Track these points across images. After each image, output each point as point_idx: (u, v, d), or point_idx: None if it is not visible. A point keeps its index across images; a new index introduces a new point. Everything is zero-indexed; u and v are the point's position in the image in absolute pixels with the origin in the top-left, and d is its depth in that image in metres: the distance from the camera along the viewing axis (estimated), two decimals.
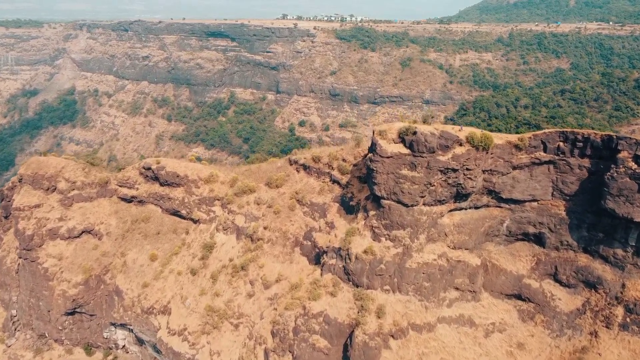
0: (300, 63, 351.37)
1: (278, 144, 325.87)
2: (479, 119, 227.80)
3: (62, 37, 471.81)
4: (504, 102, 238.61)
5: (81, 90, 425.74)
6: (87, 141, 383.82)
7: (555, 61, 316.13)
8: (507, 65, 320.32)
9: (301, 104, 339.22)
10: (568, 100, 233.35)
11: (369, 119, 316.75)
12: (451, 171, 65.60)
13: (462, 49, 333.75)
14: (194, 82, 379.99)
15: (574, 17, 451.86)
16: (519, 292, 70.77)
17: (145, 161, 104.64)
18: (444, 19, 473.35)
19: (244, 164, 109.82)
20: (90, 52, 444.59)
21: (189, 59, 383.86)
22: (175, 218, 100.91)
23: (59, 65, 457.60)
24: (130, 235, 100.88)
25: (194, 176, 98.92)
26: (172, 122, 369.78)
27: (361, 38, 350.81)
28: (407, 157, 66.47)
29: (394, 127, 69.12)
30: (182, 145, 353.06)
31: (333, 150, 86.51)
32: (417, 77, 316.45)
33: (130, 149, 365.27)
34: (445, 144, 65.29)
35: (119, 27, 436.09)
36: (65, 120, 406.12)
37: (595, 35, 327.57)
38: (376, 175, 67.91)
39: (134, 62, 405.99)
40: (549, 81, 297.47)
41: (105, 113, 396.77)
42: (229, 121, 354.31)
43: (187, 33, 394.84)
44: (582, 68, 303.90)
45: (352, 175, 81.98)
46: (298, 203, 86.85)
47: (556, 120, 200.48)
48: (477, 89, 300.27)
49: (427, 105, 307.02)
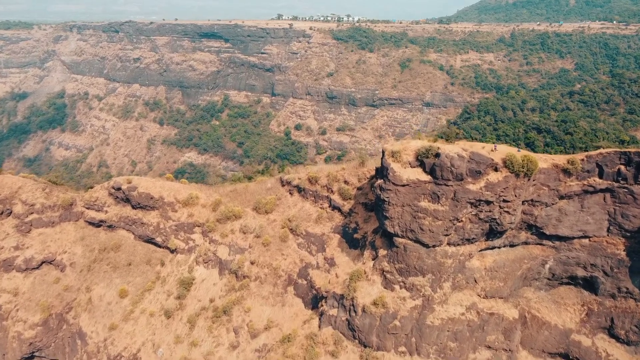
0: (296, 64, 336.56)
1: (273, 148, 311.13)
2: (485, 123, 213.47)
3: (52, 39, 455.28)
4: (510, 105, 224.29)
5: (71, 93, 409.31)
6: (77, 146, 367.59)
7: (560, 62, 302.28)
8: (509, 66, 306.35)
9: (297, 106, 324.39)
10: (577, 103, 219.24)
11: (368, 122, 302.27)
12: (484, 203, 50.96)
13: (462, 49, 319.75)
14: (186, 85, 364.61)
15: (575, 17, 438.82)
16: (566, 351, 56.13)
17: (115, 180, 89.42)
18: (443, 18, 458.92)
19: (229, 183, 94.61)
20: (80, 54, 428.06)
21: (181, 60, 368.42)
22: (150, 246, 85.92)
23: (48, 67, 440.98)
24: (97, 267, 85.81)
25: (170, 198, 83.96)
26: (164, 126, 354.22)
27: (359, 39, 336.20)
28: (427, 185, 51.77)
29: (410, 147, 54.44)
30: (174, 149, 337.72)
31: (333, 169, 71.66)
32: (417, 78, 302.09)
33: (121, 154, 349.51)
34: (476, 169, 50.60)
35: (110, 28, 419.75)
36: (54, 124, 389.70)
37: (600, 34, 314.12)
38: (388, 208, 53.21)
39: (125, 65, 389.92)
40: (554, 82, 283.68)
41: (96, 117, 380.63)
42: (223, 125, 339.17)
43: (179, 34, 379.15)
44: (588, 69, 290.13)
45: (355, 201, 67.31)
46: (291, 233, 72.03)
47: (567, 125, 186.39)
48: (480, 90, 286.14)
49: (427, 107, 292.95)
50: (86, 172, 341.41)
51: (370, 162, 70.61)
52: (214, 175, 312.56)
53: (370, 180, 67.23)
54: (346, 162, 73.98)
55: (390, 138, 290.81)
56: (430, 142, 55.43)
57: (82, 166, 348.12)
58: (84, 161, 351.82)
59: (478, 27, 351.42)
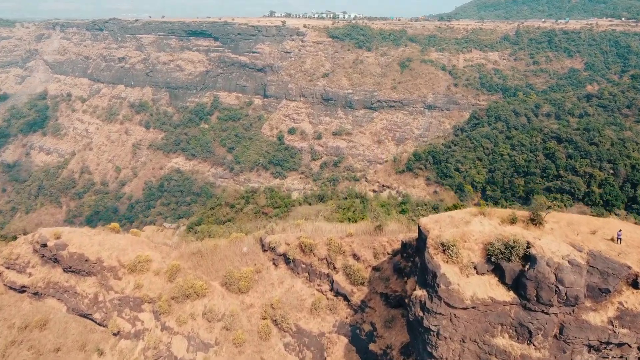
0: (289, 64, 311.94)
1: (265, 153, 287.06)
2: (496, 130, 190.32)
3: (35, 38, 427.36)
4: (523, 109, 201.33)
5: (54, 94, 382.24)
6: (58, 150, 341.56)
7: (568, 61, 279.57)
8: (515, 65, 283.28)
9: (291, 109, 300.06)
10: (596, 108, 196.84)
11: (366, 126, 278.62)
12: (614, 347, 27.75)
13: (465, 48, 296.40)
14: (174, 86, 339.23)
15: (578, 13, 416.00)
16: None
17: (41, 233, 65.36)
18: (442, 15, 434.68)
19: (192, 235, 70.91)
20: (63, 54, 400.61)
21: (168, 60, 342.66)
22: (87, 322, 62.05)
23: (30, 67, 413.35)
24: (15, 353, 62.11)
25: (112, 261, 60.16)
26: (151, 129, 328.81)
27: (355, 37, 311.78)
28: (509, 309, 28.52)
29: (472, 234, 31.05)
30: (160, 155, 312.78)
31: (335, 236, 47.99)
32: (418, 79, 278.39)
33: (104, 159, 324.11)
34: (601, 286, 27.39)
35: (94, 26, 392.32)
36: (35, 127, 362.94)
37: (610, 32, 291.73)
38: (437, 343, 29.88)
39: (109, 64, 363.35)
40: (563, 83, 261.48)
41: (79, 119, 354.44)
42: (212, 128, 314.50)
43: (166, 32, 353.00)
44: (598, 68, 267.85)
45: (370, 289, 43.92)
46: (275, 326, 48.60)
47: (591, 134, 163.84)
48: (485, 92, 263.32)
49: (429, 110, 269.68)
50: (67, 179, 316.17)
51: (391, 224, 47.01)
52: (202, 182, 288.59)
53: (393, 258, 43.84)
54: (354, 226, 49.94)
55: (390, 143, 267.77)
56: (504, 220, 32.06)
57: (64, 172, 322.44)
58: (66, 167, 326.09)
59: (481, 25, 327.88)
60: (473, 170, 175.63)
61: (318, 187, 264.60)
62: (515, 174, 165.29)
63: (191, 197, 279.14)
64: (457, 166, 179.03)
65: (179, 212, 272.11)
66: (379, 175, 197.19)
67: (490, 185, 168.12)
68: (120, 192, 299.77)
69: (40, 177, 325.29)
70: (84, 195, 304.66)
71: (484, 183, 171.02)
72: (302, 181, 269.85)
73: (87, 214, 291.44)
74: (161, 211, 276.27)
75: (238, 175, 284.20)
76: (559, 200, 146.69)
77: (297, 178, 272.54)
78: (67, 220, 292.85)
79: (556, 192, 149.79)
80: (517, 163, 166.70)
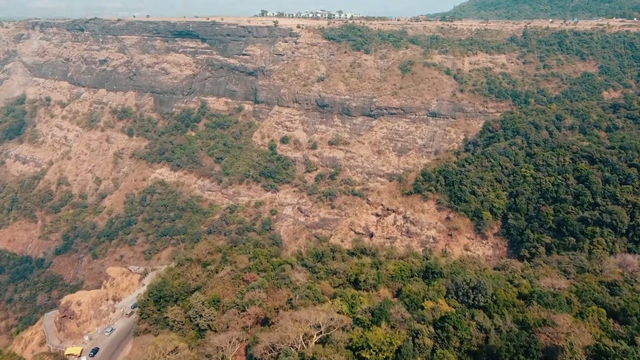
0: (281, 68, 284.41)
1: (256, 164, 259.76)
2: (516, 147, 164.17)
3: (13, 38, 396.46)
4: (543, 122, 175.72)
5: (32, 98, 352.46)
6: (35, 159, 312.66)
7: (581, 64, 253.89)
8: (524, 69, 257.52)
9: (283, 116, 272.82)
10: (625, 119, 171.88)
11: (364, 135, 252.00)
12: None
13: (470, 50, 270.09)
14: (159, 90, 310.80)
15: (582, 13, 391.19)
16: None
17: None
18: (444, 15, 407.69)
19: None
20: (43, 55, 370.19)
21: (152, 63, 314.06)
22: None
23: (9, 69, 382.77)
24: None
25: None
26: (134, 137, 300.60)
27: (353, 38, 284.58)
28: None
29: None
30: (143, 165, 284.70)
31: None
32: (421, 84, 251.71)
33: (84, 169, 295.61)
34: None
35: (74, 26, 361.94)
36: (12, 134, 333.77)
37: (623, 33, 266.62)
38: None
39: (90, 67, 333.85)
40: (578, 89, 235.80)
41: (58, 126, 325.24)
42: (199, 136, 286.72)
43: (150, 33, 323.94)
44: (614, 72, 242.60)
45: None
46: None
47: (629, 154, 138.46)
48: (494, 99, 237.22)
49: (433, 118, 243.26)
50: (44, 191, 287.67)
51: None
52: (187, 195, 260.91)
53: None
54: None
55: (391, 154, 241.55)
56: None
57: (40, 184, 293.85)
58: (42, 177, 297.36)
59: (485, 25, 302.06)
60: (491, 193, 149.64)
61: (313, 202, 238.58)
62: (542, 199, 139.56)
63: (175, 212, 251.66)
64: (473, 188, 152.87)
65: (161, 228, 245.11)
66: (383, 197, 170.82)
67: (512, 213, 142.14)
68: (99, 206, 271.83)
69: (14, 189, 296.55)
70: (61, 209, 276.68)
71: (504, 209, 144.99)
72: (296, 195, 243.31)
73: (64, 229, 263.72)
74: (143, 227, 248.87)
75: (227, 187, 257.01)
76: (599, 235, 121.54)
77: (290, 191, 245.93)
78: (42, 237, 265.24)
79: (594, 225, 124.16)
80: (544, 187, 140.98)
